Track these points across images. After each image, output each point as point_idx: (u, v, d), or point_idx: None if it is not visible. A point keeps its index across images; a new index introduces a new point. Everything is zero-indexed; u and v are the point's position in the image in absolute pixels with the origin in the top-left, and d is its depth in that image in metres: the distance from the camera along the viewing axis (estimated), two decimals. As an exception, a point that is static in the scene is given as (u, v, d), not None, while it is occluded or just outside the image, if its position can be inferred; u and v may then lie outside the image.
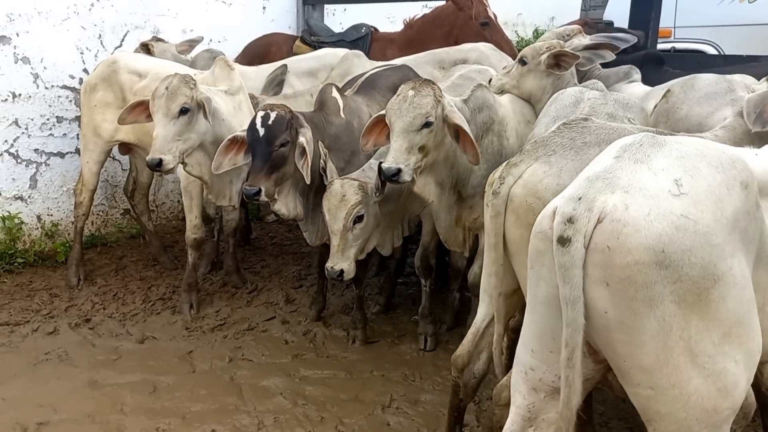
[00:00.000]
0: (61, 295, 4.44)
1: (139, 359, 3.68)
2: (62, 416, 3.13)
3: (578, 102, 2.83)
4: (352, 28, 5.77)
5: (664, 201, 1.54)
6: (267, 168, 3.23)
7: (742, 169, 1.66)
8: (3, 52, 4.66)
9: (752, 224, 1.65)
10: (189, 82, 3.59)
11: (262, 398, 3.29)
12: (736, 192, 1.62)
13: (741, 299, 1.58)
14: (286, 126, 3.25)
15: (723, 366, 1.58)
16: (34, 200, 4.95)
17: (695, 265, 1.51)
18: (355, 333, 3.89)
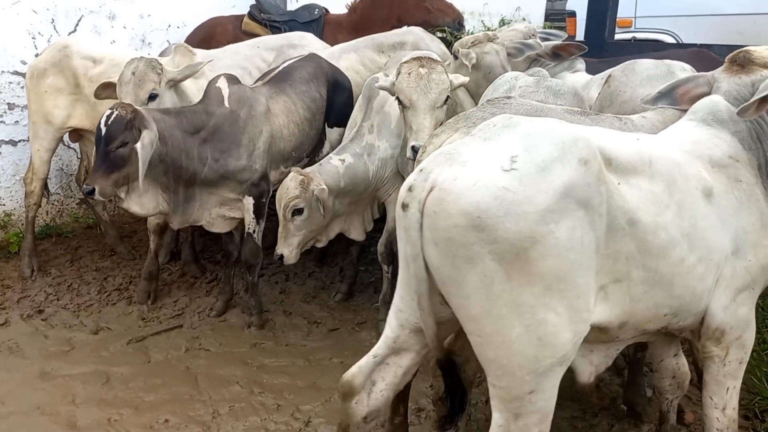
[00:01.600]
0: (13, 287, 4.33)
1: (93, 350, 3.61)
2: (10, 408, 3.06)
3: (511, 89, 2.96)
4: (304, 9, 5.69)
5: (491, 174, 1.76)
6: (105, 168, 3.24)
7: (582, 147, 1.84)
8: (-51, 36, 4.51)
9: (595, 196, 1.83)
10: (156, 66, 3.58)
11: (218, 387, 3.25)
12: (571, 166, 1.80)
13: (564, 258, 1.77)
14: (125, 126, 3.22)
15: (543, 317, 1.77)
16: (-14, 189, 4.81)
17: (509, 229, 1.72)
18: (250, 319, 3.90)
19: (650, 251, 1.94)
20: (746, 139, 2.24)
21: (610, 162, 1.91)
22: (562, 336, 1.80)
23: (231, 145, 3.58)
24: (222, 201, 3.71)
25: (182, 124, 3.48)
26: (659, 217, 1.95)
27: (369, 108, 3.71)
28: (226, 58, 4.72)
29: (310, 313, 4.05)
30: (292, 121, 3.90)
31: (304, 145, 4.02)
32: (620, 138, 2.07)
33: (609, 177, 1.88)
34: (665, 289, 2.00)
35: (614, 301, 1.94)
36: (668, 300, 2.03)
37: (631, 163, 1.96)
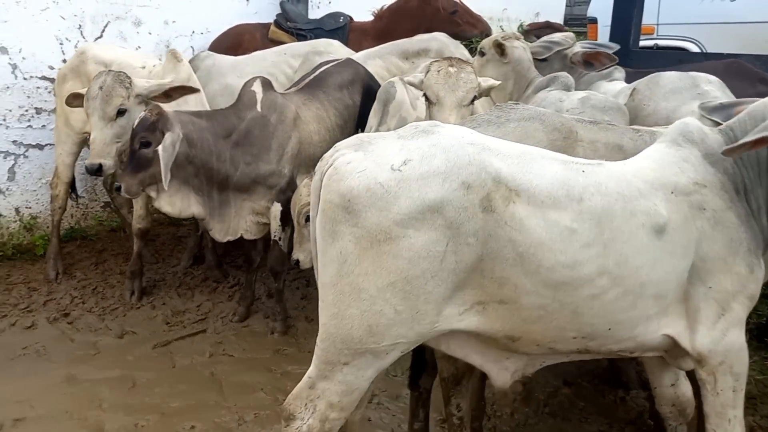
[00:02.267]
0: (39, 289, 4.38)
1: (118, 354, 3.64)
2: (39, 412, 3.09)
3: (558, 110, 2.96)
4: (329, 17, 5.73)
5: (378, 169, 1.90)
6: (132, 167, 3.35)
7: (472, 172, 1.91)
8: (-20, 42, 4.58)
9: (470, 221, 1.89)
10: (124, 80, 3.57)
11: (243, 394, 3.27)
12: (451, 186, 1.89)
13: (415, 264, 1.87)
14: (148, 128, 3.31)
15: (380, 309, 1.90)
16: (13, 193, 4.88)
17: (370, 219, 1.86)
18: (274, 325, 3.93)
19: (547, 285, 1.96)
20: (719, 162, 2.15)
21: (519, 194, 1.93)
22: (392, 330, 1.93)
23: (261, 149, 3.62)
24: (255, 209, 3.74)
25: (213, 126, 3.52)
26: (566, 255, 1.95)
27: (385, 112, 3.73)
28: (253, 65, 4.78)
29: (333, 320, 4.06)
30: (324, 128, 3.92)
31: None
32: (550, 170, 2.02)
33: (505, 208, 1.91)
34: (569, 317, 2.02)
35: (495, 318, 2.01)
36: (575, 325, 2.05)
37: (552, 197, 1.96)
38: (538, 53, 3.97)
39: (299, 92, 3.96)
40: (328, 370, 2.00)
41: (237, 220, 3.74)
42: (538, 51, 3.98)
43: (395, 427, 3.07)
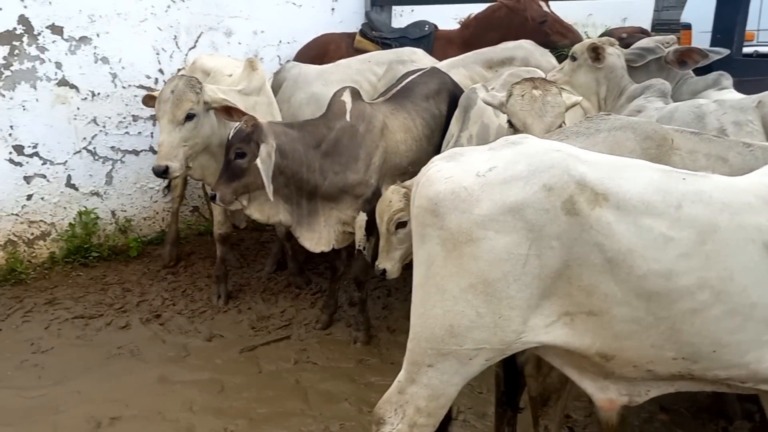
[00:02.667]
0: (132, 290, 4.55)
1: (207, 357, 3.73)
2: (133, 412, 3.20)
3: (702, 117, 2.90)
4: (414, 25, 5.73)
5: (465, 175, 1.97)
6: (226, 176, 3.43)
7: (554, 174, 1.92)
8: (84, 53, 4.81)
9: (552, 224, 1.89)
10: (195, 86, 3.63)
11: (328, 403, 3.28)
12: (532, 189, 1.91)
13: (496, 267, 1.90)
14: (243, 139, 3.38)
15: (462, 309, 1.93)
16: (109, 196, 5.10)
17: (453, 221, 1.93)
18: (357, 335, 3.92)
19: (640, 295, 1.89)
20: None
21: (606, 198, 1.90)
22: (474, 333, 1.95)
23: (350, 159, 3.63)
24: (342, 218, 3.76)
25: (304, 137, 3.56)
26: (660, 264, 1.87)
27: (466, 118, 3.68)
28: (338, 72, 4.83)
29: (415, 332, 4.03)
30: (411, 137, 3.90)
31: (421, 160, 4.01)
32: (645, 176, 1.96)
33: (590, 211, 1.89)
34: (666, 333, 1.93)
35: (584, 331, 1.97)
36: (674, 344, 1.95)
37: (645, 202, 1.90)
38: (631, 61, 3.84)
39: (387, 102, 3.96)
40: (414, 373, 2.05)
41: (327, 229, 3.76)
42: (632, 59, 3.84)
43: (481, 446, 3.01)
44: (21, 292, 4.44)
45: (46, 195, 4.82)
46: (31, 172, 4.73)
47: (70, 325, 4.06)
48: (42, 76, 4.66)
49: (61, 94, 4.77)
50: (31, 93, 4.64)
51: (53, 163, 4.82)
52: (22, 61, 4.57)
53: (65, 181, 4.89)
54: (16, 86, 4.57)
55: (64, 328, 4.02)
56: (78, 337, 3.93)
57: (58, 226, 4.89)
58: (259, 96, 4.16)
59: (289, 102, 4.72)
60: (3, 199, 4.64)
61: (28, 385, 3.42)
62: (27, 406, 3.25)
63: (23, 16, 4.52)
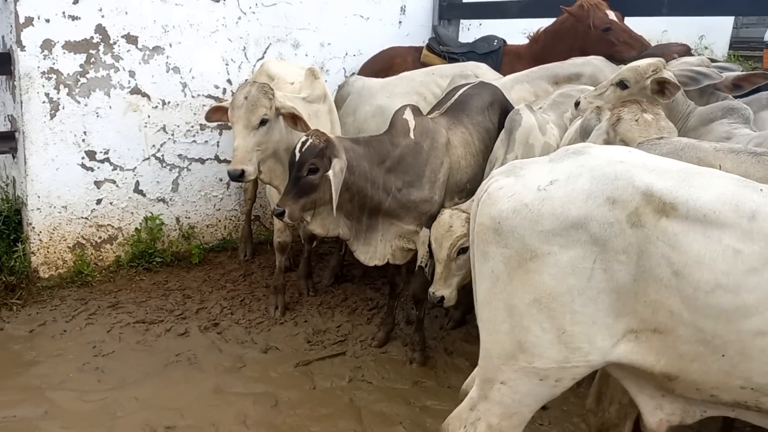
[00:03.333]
0: (193, 297, 4.60)
1: (263, 369, 3.72)
2: (188, 422, 3.21)
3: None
4: (482, 40, 5.64)
5: (527, 191, 1.97)
6: (295, 192, 3.39)
7: (618, 186, 1.90)
8: (157, 62, 4.92)
9: (618, 237, 1.88)
10: (268, 92, 3.69)
11: (382, 426, 3.22)
12: (596, 203, 1.90)
13: (561, 281, 1.90)
14: (317, 154, 3.34)
15: (528, 325, 1.96)
16: (175, 203, 5.18)
17: (517, 239, 1.95)
18: (413, 355, 3.84)
19: (703, 311, 1.84)
20: None
21: (675, 207, 1.86)
22: (541, 349, 1.96)
23: (414, 177, 3.58)
24: (401, 233, 3.70)
25: (369, 154, 3.52)
26: (728, 278, 1.81)
27: (511, 140, 3.57)
28: (402, 85, 4.79)
29: (473, 355, 3.86)
30: (469, 153, 3.83)
31: (478, 176, 3.92)
32: (718, 185, 1.90)
33: (657, 222, 1.86)
34: (734, 359, 1.85)
35: (649, 349, 1.94)
36: (742, 372, 1.86)
37: (715, 212, 1.84)
38: (683, 84, 3.44)
39: (444, 116, 3.89)
40: (487, 389, 2.07)
41: (384, 244, 3.72)
42: (685, 81, 3.47)
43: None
44: (86, 294, 4.55)
45: (114, 200, 4.94)
46: (101, 177, 4.86)
47: (131, 330, 4.12)
48: (116, 84, 4.79)
49: (133, 102, 4.88)
50: (105, 100, 4.77)
51: (123, 169, 4.93)
52: (97, 69, 4.70)
53: (133, 187, 5.00)
54: (91, 93, 4.71)
55: (125, 333, 4.09)
56: (138, 342, 3.99)
57: (124, 231, 5.00)
58: (321, 105, 4.20)
59: (354, 115, 4.70)
60: (74, 203, 4.77)
61: (88, 388, 3.48)
62: (86, 409, 3.30)
63: (100, 26, 4.65)
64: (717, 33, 11.01)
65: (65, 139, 4.66)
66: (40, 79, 4.51)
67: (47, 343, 3.92)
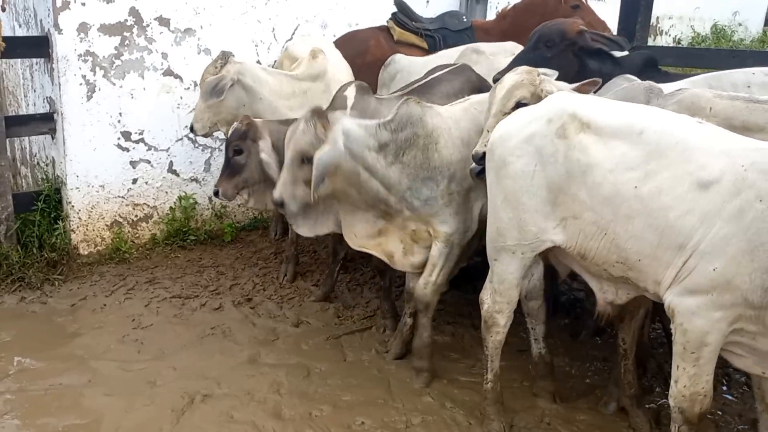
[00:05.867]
0: (226, 273, 4.73)
1: (295, 342, 3.83)
2: (224, 390, 3.33)
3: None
4: (451, 16, 5.54)
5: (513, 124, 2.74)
6: (228, 172, 3.84)
7: (554, 110, 2.62)
8: (189, 44, 5.02)
9: (548, 146, 2.58)
10: (216, 61, 4.28)
11: (410, 395, 3.30)
12: (540, 123, 2.63)
13: (516, 182, 2.66)
14: (240, 137, 3.75)
15: (500, 215, 2.75)
16: (207, 183, 5.30)
17: (497, 154, 2.73)
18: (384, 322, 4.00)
19: (597, 199, 2.46)
20: None
21: (589, 125, 2.52)
22: (508, 233, 2.73)
23: None
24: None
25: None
26: (613, 174, 2.42)
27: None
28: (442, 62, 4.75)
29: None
30: None
31: None
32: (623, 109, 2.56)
33: (576, 136, 2.52)
34: (611, 237, 2.45)
35: (570, 233, 2.60)
36: (615, 249, 2.46)
37: (614, 129, 2.47)
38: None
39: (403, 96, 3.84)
40: (491, 266, 2.87)
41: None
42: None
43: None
44: (124, 270, 4.71)
45: (150, 179, 5.07)
46: (136, 158, 4.99)
47: (168, 304, 4.26)
48: (149, 66, 4.90)
49: (166, 84, 5.00)
50: (139, 82, 4.89)
51: (157, 150, 5.06)
52: (131, 51, 4.81)
53: (167, 167, 5.13)
54: (126, 75, 4.83)
55: (162, 307, 4.23)
56: (175, 315, 4.13)
57: (159, 210, 5.14)
58: (314, 83, 4.42)
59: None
60: (111, 182, 4.92)
61: (129, 359, 3.62)
62: (127, 377, 3.44)
63: (134, 8, 4.76)
64: (751, 10, 10.76)
65: (101, 120, 4.80)
66: (77, 62, 4.64)
67: (89, 316, 4.08)
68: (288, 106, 4.33)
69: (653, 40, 9.45)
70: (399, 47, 5.23)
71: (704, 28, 9.98)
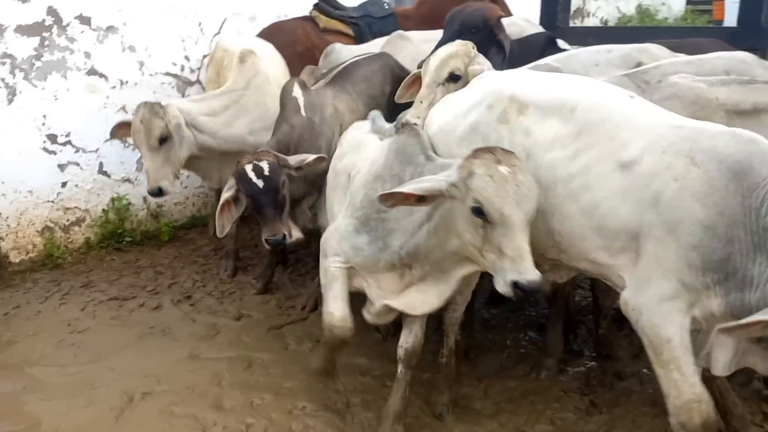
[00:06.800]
0: (164, 273, 4.68)
1: (236, 335, 3.83)
2: (165, 387, 3.31)
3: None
4: (372, 4, 5.55)
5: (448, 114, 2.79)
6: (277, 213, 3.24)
7: (492, 95, 2.59)
8: (112, 42, 4.92)
9: (492, 133, 2.54)
10: (158, 111, 3.92)
11: (351, 377, 3.34)
12: (481, 110, 2.61)
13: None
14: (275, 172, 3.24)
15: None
16: (141, 182, 5.20)
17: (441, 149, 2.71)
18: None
19: (542, 183, 2.32)
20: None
21: (527, 106, 2.48)
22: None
23: (314, 152, 3.49)
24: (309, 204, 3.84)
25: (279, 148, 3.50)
26: (549, 153, 2.39)
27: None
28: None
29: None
30: (356, 118, 3.85)
31: None
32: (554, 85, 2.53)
33: (517, 119, 2.49)
34: (548, 219, 2.39)
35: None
36: (550, 230, 2.41)
37: (549, 106, 2.44)
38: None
39: (328, 86, 3.93)
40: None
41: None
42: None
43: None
44: (59, 276, 4.60)
45: (79, 182, 4.97)
46: (64, 160, 4.88)
47: (105, 307, 4.19)
48: (72, 66, 4.79)
49: (91, 84, 4.89)
50: (62, 83, 4.77)
51: (85, 151, 4.95)
52: (52, 51, 4.69)
53: (98, 169, 5.03)
54: (47, 76, 4.71)
55: (99, 310, 4.16)
56: (112, 317, 4.06)
57: (92, 212, 5.04)
58: (247, 89, 4.28)
59: None
60: (39, 187, 4.79)
61: (66, 363, 3.55)
62: (64, 382, 3.38)
63: (51, 8, 4.64)
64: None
65: (25, 124, 4.67)
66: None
67: (23, 324, 3.98)
68: (223, 122, 4.21)
69: (581, 22, 9.70)
70: (326, 35, 5.22)
71: (629, 9, 10.29)
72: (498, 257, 2.19)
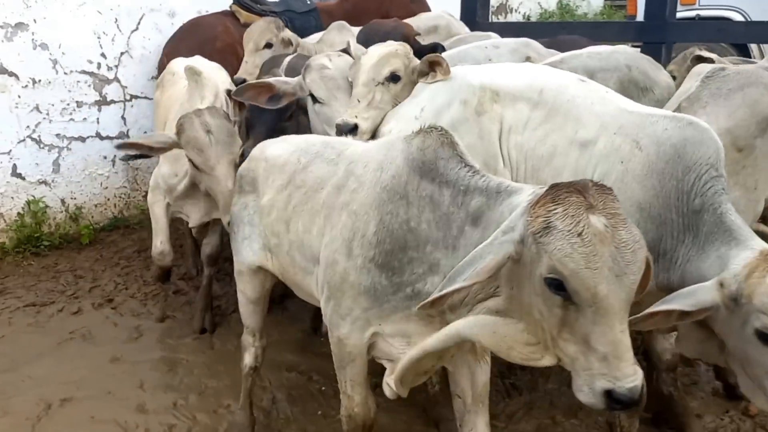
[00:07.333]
0: (85, 276, 4.55)
1: (159, 338, 3.77)
2: (85, 393, 3.23)
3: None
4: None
5: (407, 123, 2.51)
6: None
7: (464, 90, 2.52)
8: (21, 39, 4.74)
9: (473, 128, 2.46)
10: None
11: (277, 374, 3.35)
12: (454, 107, 2.51)
13: None
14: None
15: None
16: (58, 184, 5.05)
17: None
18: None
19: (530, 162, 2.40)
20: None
21: (498, 93, 2.48)
22: None
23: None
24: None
25: None
26: (521, 137, 2.43)
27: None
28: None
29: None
30: None
31: None
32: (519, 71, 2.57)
33: (492, 107, 2.46)
34: None
35: None
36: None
37: (518, 91, 2.46)
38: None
39: None
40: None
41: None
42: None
43: None
44: (-29, 284, 4.41)
45: (-9, 185, 4.77)
46: (-26, 163, 4.67)
47: (21, 313, 4.05)
48: (-21, 64, 4.59)
49: (1, 83, 4.70)
50: (-31, 82, 4.57)
51: (-3, 153, 4.76)
52: (-44, 50, 4.49)
53: (11, 171, 4.83)
54: (-47, 76, 4.50)
55: (15, 317, 4.01)
56: (29, 324, 3.93)
57: (6, 217, 4.84)
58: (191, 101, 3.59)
59: None
60: (-53, 192, 4.58)
61: (-22, 374, 3.42)
62: (-23, 393, 3.25)
63: (-46, 4, 4.44)
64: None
65: (-71, 126, 4.45)
66: None
67: (-69, 336, 3.80)
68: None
69: (504, 17, 9.94)
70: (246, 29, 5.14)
71: (550, 5, 10.60)
72: (582, 352, 1.56)
